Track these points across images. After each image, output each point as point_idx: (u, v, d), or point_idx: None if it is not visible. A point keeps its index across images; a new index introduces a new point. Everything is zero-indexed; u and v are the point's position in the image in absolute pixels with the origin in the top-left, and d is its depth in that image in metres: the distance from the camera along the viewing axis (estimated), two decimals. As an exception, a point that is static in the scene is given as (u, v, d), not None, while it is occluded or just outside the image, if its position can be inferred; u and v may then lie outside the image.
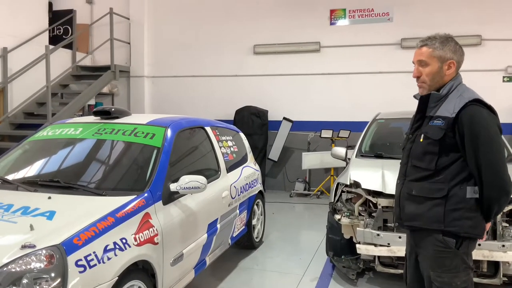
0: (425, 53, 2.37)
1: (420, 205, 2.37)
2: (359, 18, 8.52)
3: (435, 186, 2.33)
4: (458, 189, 2.30)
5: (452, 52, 2.37)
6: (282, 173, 9.07)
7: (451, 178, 2.30)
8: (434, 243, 2.35)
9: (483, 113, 2.27)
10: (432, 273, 2.38)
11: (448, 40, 2.39)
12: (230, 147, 4.71)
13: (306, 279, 4.28)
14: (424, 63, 2.38)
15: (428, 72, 2.38)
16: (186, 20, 9.44)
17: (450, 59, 2.36)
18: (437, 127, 2.32)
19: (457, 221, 2.29)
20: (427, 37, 2.41)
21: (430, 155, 2.34)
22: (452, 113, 2.28)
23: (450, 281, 2.33)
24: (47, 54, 7.45)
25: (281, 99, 8.91)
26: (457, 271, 2.33)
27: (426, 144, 2.36)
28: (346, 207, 4.13)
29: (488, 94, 2.47)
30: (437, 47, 2.36)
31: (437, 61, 2.36)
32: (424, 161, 2.37)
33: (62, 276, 2.25)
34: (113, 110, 3.85)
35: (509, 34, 7.75)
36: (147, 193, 3.03)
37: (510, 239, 3.56)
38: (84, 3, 10.01)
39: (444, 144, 2.30)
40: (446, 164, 2.31)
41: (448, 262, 2.34)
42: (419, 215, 2.38)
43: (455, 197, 2.29)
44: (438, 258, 2.36)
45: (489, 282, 3.70)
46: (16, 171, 3.48)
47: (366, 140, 5.21)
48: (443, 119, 2.31)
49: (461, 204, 2.29)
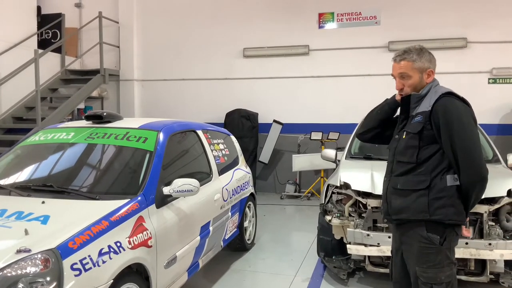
0: (405, 66, 2.52)
1: (406, 197, 2.50)
2: (347, 21, 8.62)
3: (418, 178, 2.47)
4: (439, 179, 2.43)
5: (428, 62, 2.53)
6: (272, 175, 9.12)
7: (432, 169, 2.44)
8: (419, 240, 2.48)
9: (455, 102, 2.43)
10: (417, 268, 2.50)
11: (423, 51, 2.53)
12: (222, 150, 4.75)
13: (298, 279, 4.33)
14: (406, 75, 2.53)
15: (410, 84, 2.54)
16: (176, 24, 9.46)
17: (428, 68, 2.53)
18: (416, 123, 2.48)
19: (441, 209, 2.42)
20: (403, 51, 2.56)
21: (412, 149, 2.49)
22: (428, 107, 2.45)
23: (435, 276, 2.46)
24: (36, 58, 7.41)
25: (271, 101, 8.97)
26: (442, 266, 2.46)
27: (408, 139, 2.51)
28: (336, 208, 4.18)
29: (473, 96, 2.60)
30: (415, 59, 2.50)
31: (418, 72, 2.51)
32: (406, 155, 2.52)
33: (57, 280, 2.27)
34: (105, 114, 3.87)
35: (494, 36, 7.92)
36: (140, 197, 3.06)
37: (496, 237, 3.64)
38: (73, 7, 9.97)
39: (423, 137, 2.46)
40: (427, 156, 2.46)
41: (433, 257, 2.46)
42: (405, 208, 2.51)
43: (437, 186, 2.43)
44: (423, 254, 2.48)
45: (476, 280, 3.78)
46: (8, 176, 3.47)
47: (355, 142, 5.28)
48: (421, 114, 2.48)
49: (443, 192, 2.42)
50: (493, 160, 4.72)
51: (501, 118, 7.96)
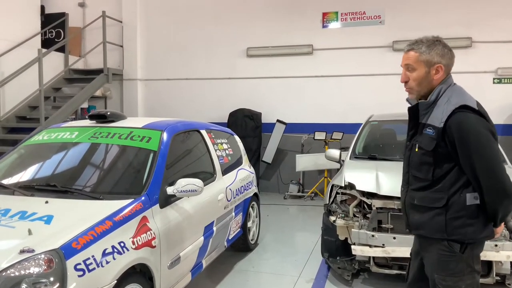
0: (411, 58, 2.32)
1: (423, 214, 2.34)
2: (351, 21, 8.58)
3: (435, 195, 2.30)
4: (457, 197, 2.26)
5: (439, 56, 2.31)
6: (276, 175, 9.09)
7: (450, 187, 2.27)
8: (439, 248, 2.32)
9: (470, 118, 2.21)
10: (436, 276, 2.35)
11: (436, 44, 2.32)
12: (225, 150, 4.73)
13: (302, 280, 4.30)
14: (411, 67, 2.33)
15: (415, 77, 2.33)
16: (179, 23, 9.44)
17: (437, 63, 2.30)
18: (428, 137, 2.29)
19: (460, 229, 2.26)
20: (415, 40, 2.36)
21: (426, 166, 2.31)
22: (440, 123, 2.23)
23: (454, 285, 2.30)
24: (39, 57, 7.41)
25: (275, 101, 8.94)
26: (462, 275, 2.30)
27: (421, 154, 2.33)
28: (341, 208, 4.16)
29: (478, 96, 2.47)
30: (423, 51, 2.30)
31: (424, 65, 2.30)
32: (421, 172, 2.34)
33: (61, 280, 2.26)
34: (108, 114, 3.86)
35: (499, 36, 7.86)
36: (144, 197, 3.04)
37: (503, 239, 3.61)
38: (77, 6, 9.96)
39: (438, 154, 2.27)
40: (443, 173, 2.28)
41: (453, 265, 2.30)
42: (423, 224, 2.36)
43: (455, 205, 2.26)
44: (442, 262, 2.32)
45: (482, 282, 3.73)
46: (12, 176, 3.46)
47: (359, 142, 5.26)
48: (433, 128, 2.27)
49: (462, 212, 2.25)
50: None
51: (506, 118, 7.90)
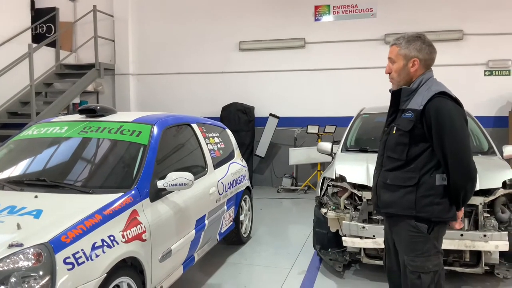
0: (393, 51, 2.57)
1: (394, 193, 2.55)
2: (343, 14, 8.58)
3: (407, 175, 2.51)
4: (428, 177, 2.47)
5: (416, 51, 2.51)
6: (269, 169, 9.11)
7: (421, 167, 2.48)
8: (407, 229, 2.53)
9: (448, 104, 2.43)
10: (406, 257, 2.56)
11: (415, 39, 2.53)
12: (217, 144, 4.73)
13: (294, 272, 4.33)
14: (392, 60, 2.58)
15: (395, 69, 2.57)
16: (171, 17, 9.39)
17: (414, 57, 2.51)
18: (407, 119, 2.50)
19: (428, 207, 2.46)
20: (399, 36, 2.60)
21: (402, 146, 2.52)
22: (420, 106, 2.44)
23: (423, 264, 2.51)
24: (30, 52, 7.35)
25: (267, 95, 8.94)
26: (429, 255, 2.52)
27: (398, 135, 2.54)
28: (332, 201, 4.18)
29: (469, 88, 2.59)
30: (403, 46, 2.53)
31: (403, 59, 2.53)
32: (396, 152, 2.55)
33: (50, 274, 2.26)
34: (98, 108, 3.84)
35: (490, 28, 7.90)
36: (134, 191, 3.04)
37: (491, 229, 3.65)
38: (67, 1, 9.87)
39: (414, 135, 2.48)
40: (416, 154, 2.49)
41: (420, 246, 2.51)
42: (393, 202, 2.55)
43: (425, 184, 2.47)
44: (411, 242, 2.53)
45: (471, 272, 3.79)
46: (1, 171, 3.44)
47: (351, 135, 5.27)
48: (412, 111, 2.48)
49: (431, 191, 2.47)
50: (489, 152, 4.72)
51: (497, 111, 7.95)
